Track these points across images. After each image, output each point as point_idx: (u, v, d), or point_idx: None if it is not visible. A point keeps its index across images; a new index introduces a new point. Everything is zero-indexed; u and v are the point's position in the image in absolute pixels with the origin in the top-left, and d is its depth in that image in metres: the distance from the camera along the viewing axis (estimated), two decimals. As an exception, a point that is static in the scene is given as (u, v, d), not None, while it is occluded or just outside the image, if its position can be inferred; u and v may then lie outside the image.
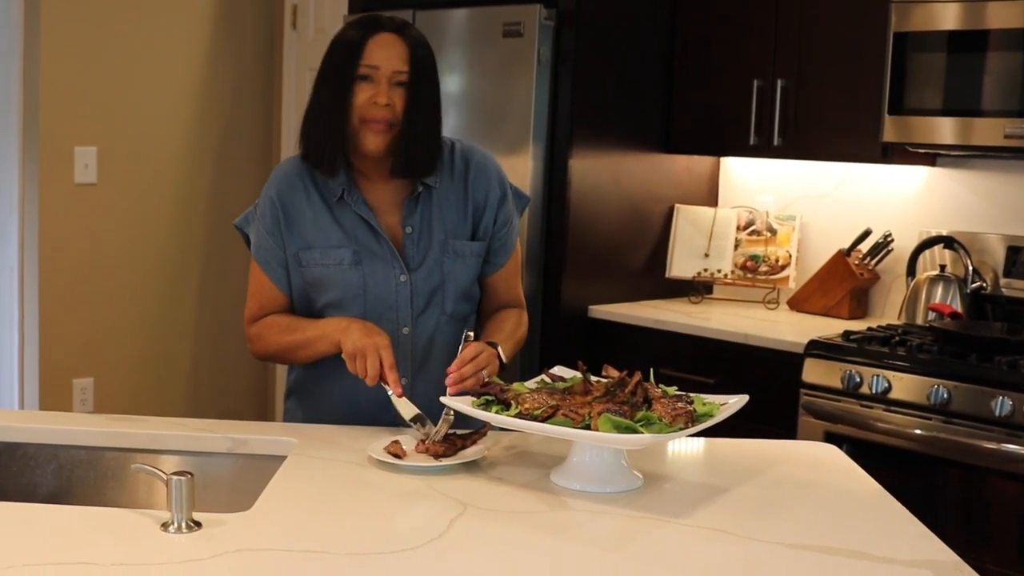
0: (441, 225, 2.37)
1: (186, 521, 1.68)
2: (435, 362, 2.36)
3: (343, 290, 2.33)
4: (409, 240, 2.35)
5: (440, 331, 2.38)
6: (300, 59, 5.20)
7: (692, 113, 4.25)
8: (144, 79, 4.88)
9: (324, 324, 2.31)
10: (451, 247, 2.37)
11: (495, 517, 1.81)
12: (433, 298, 2.36)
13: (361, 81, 2.26)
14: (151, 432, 2.23)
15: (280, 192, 2.38)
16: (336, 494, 1.90)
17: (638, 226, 4.30)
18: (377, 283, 2.33)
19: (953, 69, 3.50)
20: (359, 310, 2.33)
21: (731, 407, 2.00)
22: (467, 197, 2.40)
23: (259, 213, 2.41)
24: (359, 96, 2.26)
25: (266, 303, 2.41)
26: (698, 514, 1.85)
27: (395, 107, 2.27)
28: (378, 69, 2.26)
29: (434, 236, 2.36)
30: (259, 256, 2.40)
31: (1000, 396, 3.10)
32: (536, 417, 1.92)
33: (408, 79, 2.28)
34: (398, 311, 2.34)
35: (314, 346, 2.31)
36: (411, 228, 2.36)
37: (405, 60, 2.27)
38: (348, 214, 2.35)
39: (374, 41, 2.28)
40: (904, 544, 1.77)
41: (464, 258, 2.39)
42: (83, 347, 4.82)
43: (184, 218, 5.10)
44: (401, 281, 2.34)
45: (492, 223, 2.42)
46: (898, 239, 3.99)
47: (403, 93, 2.28)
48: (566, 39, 3.95)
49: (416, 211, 2.36)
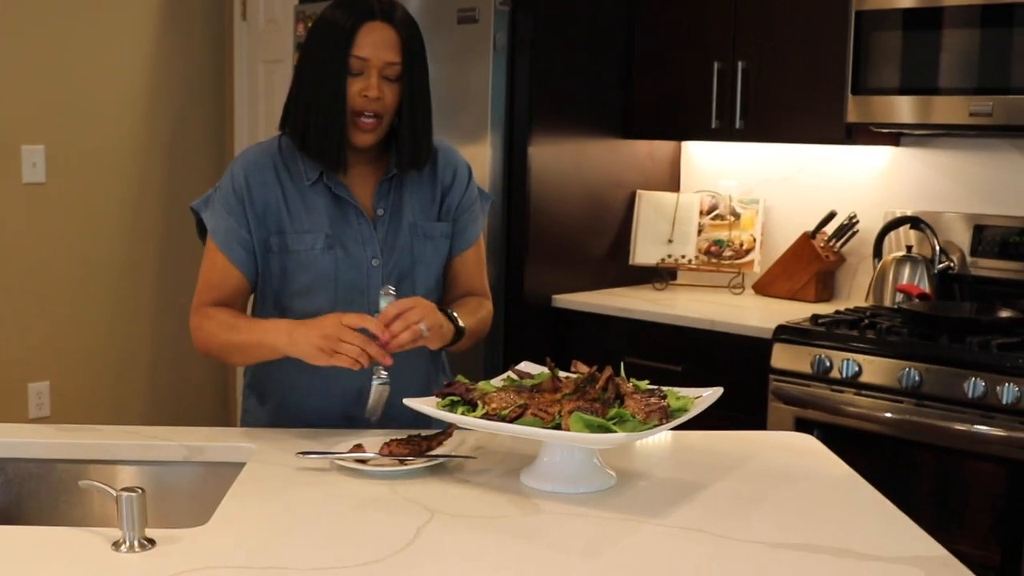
0: (411, 208, 2.34)
1: (138, 539, 1.60)
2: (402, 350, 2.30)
3: (315, 276, 2.27)
4: (380, 223, 2.31)
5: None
6: (251, 50, 5.11)
7: (652, 97, 4.19)
8: (91, 74, 4.78)
9: (263, 330, 2.19)
10: (420, 230, 2.34)
11: (464, 524, 1.73)
12: (403, 282, 2.31)
13: (351, 76, 2.21)
14: (104, 442, 2.14)
15: (249, 175, 2.29)
16: (297, 504, 1.82)
17: (600, 213, 4.25)
18: (350, 267, 2.27)
19: (911, 47, 3.46)
20: (329, 297, 2.27)
21: (705, 400, 1.94)
22: (436, 180, 2.38)
23: (220, 195, 2.31)
24: (349, 89, 2.21)
25: (219, 285, 2.29)
26: (674, 513, 1.78)
27: (385, 100, 2.22)
28: (368, 61, 2.20)
29: (404, 219, 2.33)
30: (217, 237, 2.29)
31: (972, 377, 3.06)
32: (504, 417, 1.85)
33: (401, 71, 2.23)
34: (368, 296, 2.28)
35: (251, 351, 2.23)
36: (383, 210, 2.31)
37: (396, 51, 2.22)
38: (322, 198, 2.28)
39: (364, 31, 2.21)
40: (889, 539, 1.72)
41: (433, 240, 2.35)
42: (37, 350, 4.73)
43: (137, 215, 5.00)
44: (373, 265, 2.28)
45: (455, 205, 2.39)
46: (863, 220, 3.95)
47: (395, 87, 2.23)
48: (522, 24, 3.88)
49: (388, 194, 2.32)
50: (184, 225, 5.13)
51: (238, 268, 2.28)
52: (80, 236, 4.81)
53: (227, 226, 2.28)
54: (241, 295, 2.31)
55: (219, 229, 2.29)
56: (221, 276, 2.29)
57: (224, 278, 2.29)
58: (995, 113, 3.29)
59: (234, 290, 2.30)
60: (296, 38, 4.43)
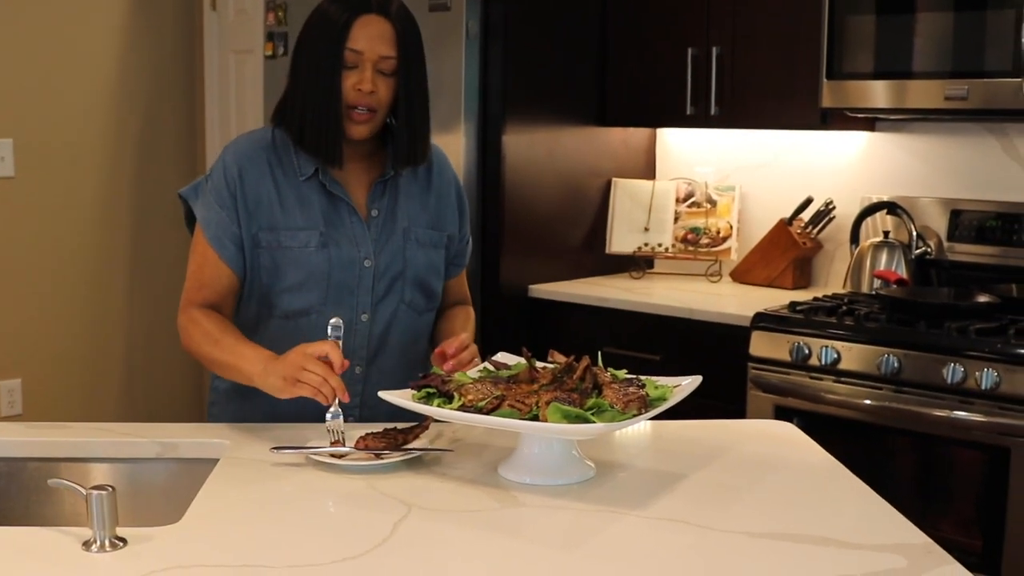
0: (405, 212, 2.31)
1: (109, 538, 1.57)
2: (390, 351, 2.31)
3: (306, 274, 2.23)
4: (374, 224, 2.28)
5: (398, 320, 2.31)
6: (222, 41, 5.06)
7: (627, 84, 4.17)
8: (60, 66, 4.72)
9: (240, 355, 2.12)
10: (413, 234, 2.31)
11: (442, 518, 1.71)
12: (394, 285, 2.29)
13: (346, 69, 2.18)
14: (75, 440, 2.11)
15: (241, 167, 2.24)
16: (272, 500, 1.79)
17: (576, 202, 4.22)
18: (342, 267, 2.24)
19: (886, 31, 3.45)
20: (319, 295, 2.24)
21: (684, 389, 1.92)
22: (430, 188, 2.36)
23: (211, 186, 2.25)
24: (344, 83, 2.18)
25: (209, 283, 2.24)
26: (655, 504, 1.76)
27: (380, 94, 2.20)
28: (362, 55, 2.17)
29: (398, 222, 2.30)
30: (208, 231, 2.24)
31: (951, 363, 3.05)
32: (481, 409, 1.82)
33: (397, 65, 2.20)
34: (358, 297, 2.26)
35: (226, 371, 2.18)
36: (377, 211, 2.29)
37: (391, 44, 2.19)
38: (316, 194, 2.25)
39: (359, 24, 2.18)
40: (870, 526, 1.70)
41: (424, 247, 2.33)
42: (8, 348, 4.67)
43: (108, 208, 4.95)
44: (365, 266, 2.25)
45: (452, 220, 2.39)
46: (840, 206, 3.94)
47: (390, 81, 2.21)
48: (495, 12, 3.84)
49: (384, 195, 2.30)
50: (155, 219, 5.12)
51: (229, 266, 2.24)
52: (51, 231, 4.76)
53: (219, 220, 2.23)
54: (231, 294, 2.27)
55: (210, 223, 2.24)
56: (212, 274, 2.24)
57: (215, 276, 2.24)
58: (970, 97, 3.28)
59: (225, 289, 2.25)
60: (266, 27, 4.39)
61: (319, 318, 2.22)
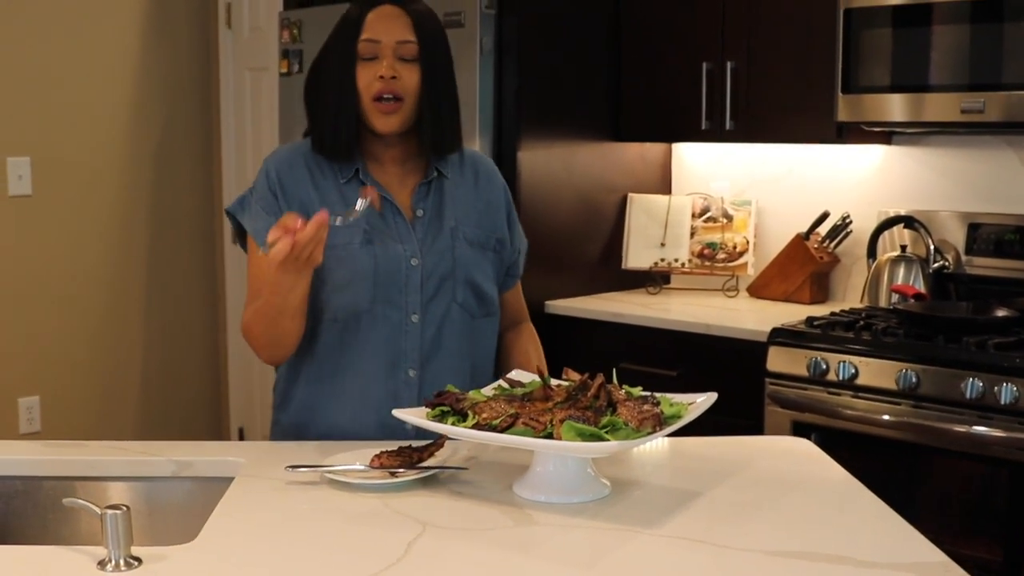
0: (452, 212, 2.29)
1: (124, 558, 1.56)
2: (444, 355, 2.26)
3: (352, 271, 2.20)
4: (420, 224, 2.26)
5: (450, 320, 2.27)
6: (237, 58, 5.08)
7: (642, 99, 4.16)
8: (77, 85, 4.75)
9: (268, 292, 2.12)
10: (462, 234, 2.29)
11: (456, 536, 1.70)
12: (443, 285, 2.26)
13: (364, 62, 2.18)
14: (91, 458, 2.11)
15: (280, 172, 2.24)
16: (286, 519, 1.79)
17: (591, 217, 4.22)
18: (387, 264, 2.21)
19: (901, 45, 3.43)
20: (368, 293, 2.21)
21: (700, 406, 1.91)
22: (478, 194, 2.35)
23: (256, 196, 2.26)
24: (363, 76, 2.18)
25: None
26: (671, 522, 1.75)
27: (403, 80, 2.18)
28: (379, 43, 2.17)
29: (445, 222, 2.28)
30: (260, 239, 2.20)
31: (970, 378, 3.03)
32: (495, 427, 1.81)
33: (418, 51, 2.19)
34: (407, 297, 2.23)
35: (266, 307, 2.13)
36: (423, 211, 2.27)
37: (408, 29, 2.19)
38: (356, 193, 2.20)
39: (372, 15, 2.19)
40: (888, 545, 1.68)
41: (473, 247, 2.30)
42: (27, 365, 4.69)
43: (125, 226, 4.96)
44: (412, 265, 2.22)
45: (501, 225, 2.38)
46: (857, 220, 3.93)
47: (413, 68, 2.19)
48: (508, 28, 3.85)
49: (428, 196, 2.28)
50: (171, 235, 5.13)
51: None
52: (68, 248, 4.78)
53: (267, 226, 2.15)
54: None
55: (260, 231, 2.20)
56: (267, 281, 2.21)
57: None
58: (987, 110, 3.27)
59: None
60: (281, 45, 4.40)
61: (369, 320, 2.21)
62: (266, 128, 4.87)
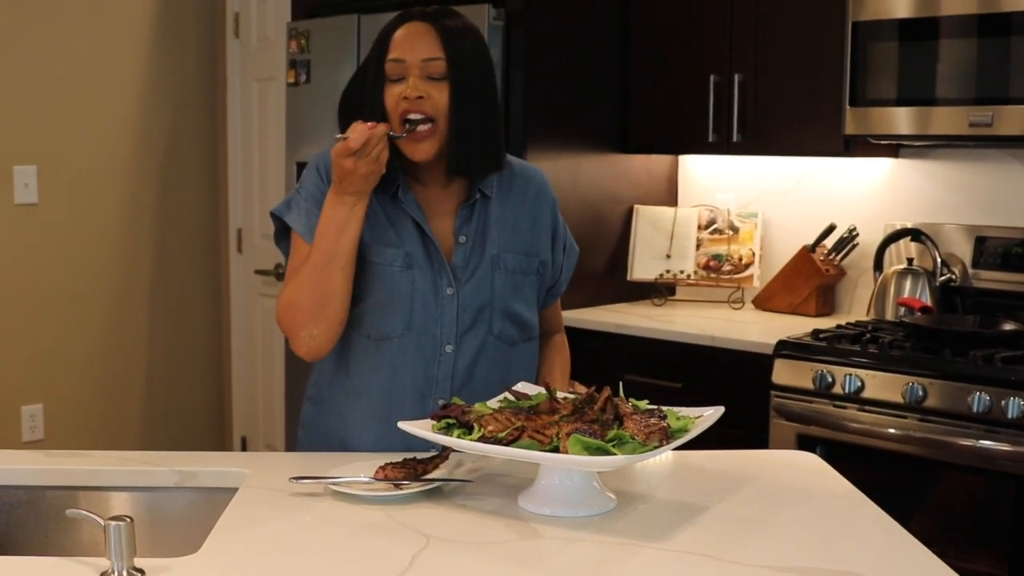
0: (495, 238, 2.23)
1: (127, 569, 1.56)
2: (477, 385, 2.21)
3: (390, 293, 2.16)
4: (461, 251, 2.20)
5: (485, 352, 2.22)
6: (244, 68, 5.08)
7: (648, 111, 4.16)
8: (84, 94, 4.75)
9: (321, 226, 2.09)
10: (502, 262, 2.23)
11: (460, 549, 1.69)
12: (480, 315, 2.21)
13: (392, 82, 2.11)
14: (94, 468, 2.10)
15: (329, 168, 2.12)
16: (290, 530, 1.78)
17: (597, 229, 4.21)
18: (424, 292, 2.17)
19: (909, 58, 3.43)
20: (404, 318, 2.17)
21: (706, 420, 1.90)
22: (524, 212, 2.29)
23: (305, 194, 2.18)
24: (391, 96, 2.11)
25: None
26: (677, 537, 1.74)
27: (433, 100, 2.10)
28: (404, 63, 2.10)
29: (487, 249, 2.22)
30: (309, 236, 2.14)
31: (977, 391, 3.02)
32: (501, 440, 1.81)
33: (447, 69, 2.10)
34: (442, 326, 2.19)
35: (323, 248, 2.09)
36: (465, 238, 2.21)
37: (436, 45, 2.10)
38: (399, 215, 2.19)
39: (402, 31, 2.13)
40: (894, 560, 1.68)
41: (513, 274, 2.24)
42: (30, 373, 4.69)
43: (130, 235, 4.96)
44: (447, 294, 2.18)
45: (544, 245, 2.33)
46: (863, 233, 3.92)
47: (443, 86, 2.11)
48: (516, 40, 3.85)
49: (472, 220, 2.22)
50: (177, 245, 5.13)
51: None
52: (74, 257, 4.78)
53: (316, 224, 2.14)
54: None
55: (311, 228, 2.15)
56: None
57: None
58: (995, 123, 3.26)
59: None
60: (289, 55, 4.40)
61: (402, 344, 2.18)
62: (273, 138, 4.87)
